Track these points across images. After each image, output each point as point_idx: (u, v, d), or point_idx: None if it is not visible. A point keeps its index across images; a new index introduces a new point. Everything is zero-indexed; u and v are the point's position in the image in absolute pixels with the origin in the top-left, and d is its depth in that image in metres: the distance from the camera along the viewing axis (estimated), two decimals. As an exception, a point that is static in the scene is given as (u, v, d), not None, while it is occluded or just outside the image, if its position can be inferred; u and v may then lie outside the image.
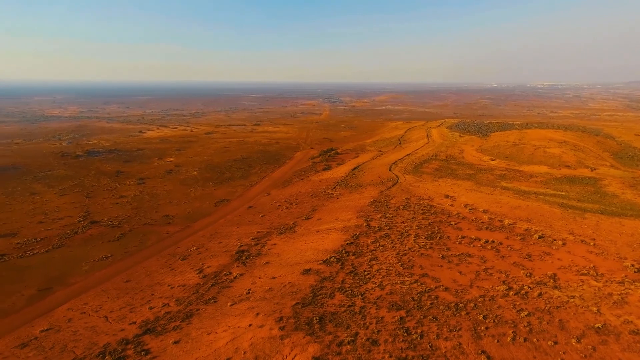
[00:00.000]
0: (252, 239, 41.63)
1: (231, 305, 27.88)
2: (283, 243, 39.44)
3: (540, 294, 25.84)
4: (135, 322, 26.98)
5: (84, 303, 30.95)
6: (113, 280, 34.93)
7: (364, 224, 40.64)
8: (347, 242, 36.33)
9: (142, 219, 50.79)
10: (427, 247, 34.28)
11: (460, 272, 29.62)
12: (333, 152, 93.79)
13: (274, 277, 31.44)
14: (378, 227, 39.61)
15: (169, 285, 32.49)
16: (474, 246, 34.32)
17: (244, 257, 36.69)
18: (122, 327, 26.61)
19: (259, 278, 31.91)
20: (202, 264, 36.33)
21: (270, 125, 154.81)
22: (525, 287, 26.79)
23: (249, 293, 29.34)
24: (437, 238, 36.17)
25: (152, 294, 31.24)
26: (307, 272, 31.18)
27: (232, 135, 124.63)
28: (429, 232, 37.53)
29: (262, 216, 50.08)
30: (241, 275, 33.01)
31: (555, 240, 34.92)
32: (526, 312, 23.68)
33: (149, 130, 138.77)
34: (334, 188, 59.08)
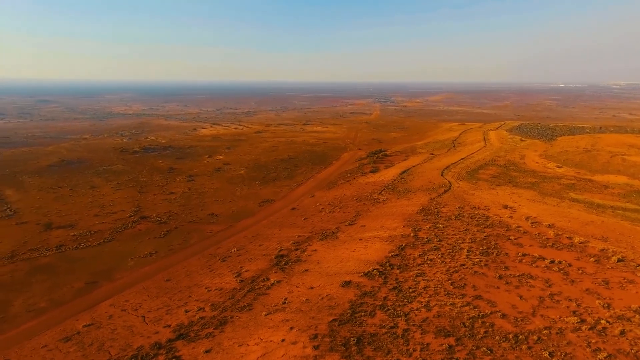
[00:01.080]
0: (293, 243, 40.32)
1: (266, 315, 26.59)
2: (324, 250, 37.70)
3: (622, 332, 21.77)
4: (169, 326, 26.57)
5: (125, 300, 31.31)
6: (154, 278, 35.21)
7: (411, 234, 37.76)
8: (392, 253, 33.77)
9: (188, 216, 51.55)
10: (482, 264, 30.82)
11: (521, 297, 26.04)
12: (381, 153, 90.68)
13: (312, 287, 29.76)
14: (427, 238, 36.57)
15: (206, 288, 32.00)
16: (537, 266, 30.31)
17: (283, 263, 35.43)
18: (156, 329, 26.30)
19: (297, 287, 30.40)
20: (241, 267, 35.58)
21: (318, 125, 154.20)
22: (602, 322, 22.78)
23: (284, 303, 27.90)
24: (494, 254, 32.51)
25: (189, 296, 30.87)
26: (347, 284, 29.16)
27: (281, 135, 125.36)
28: (484, 247, 33.89)
29: (304, 219, 48.75)
30: (278, 282, 31.71)
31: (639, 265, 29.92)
32: (605, 354, 19.91)
33: (202, 128, 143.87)
34: (381, 192, 56.38)
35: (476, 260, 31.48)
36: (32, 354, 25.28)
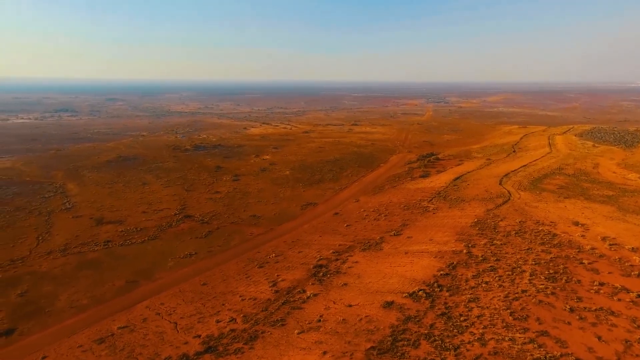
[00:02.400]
0: (333, 252, 38.13)
1: (299, 333, 24.64)
2: (366, 262, 35.10)
3: None
4: (199, 336, 25.50)
5: (160, 303, 30.93)
6: (191, 281, 34.70)
7: (464, 251, 34.03)
8: (441, 272, 30.42)
9: (231, 217, 51.20)
10: (548, 292, 26.63)
11: (600, 338, 21.83)
12: (433, 157, 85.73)
13: (350, 305, 27.36)
14: (482, 256, 32.69)
15: (240, 296, 30.75)
16: (619, 300, 25.59)
17: (321, 274, 33.35)
18: (186, 339, 25.34)
19: (334, 303, 28.16)
20: (278, 275, 34.01)
21: (367, 126, 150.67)
22: None
23: (319, 321, 25.78)
24: (563, 281, 28.08)
25: (223, 304, 29.77)
26: (389, 305, 26.42)
27: (329, 135, 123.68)
28: (551, 271, 29.48)
29: (347, 226, 46.38)
30: (315, 295, 29.68)
31: None
32: None
33: (252, 127, 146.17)
34: (431, 200, 52.49)
35: (541, 286, 27.31)
36: (68, 353, 25.36)
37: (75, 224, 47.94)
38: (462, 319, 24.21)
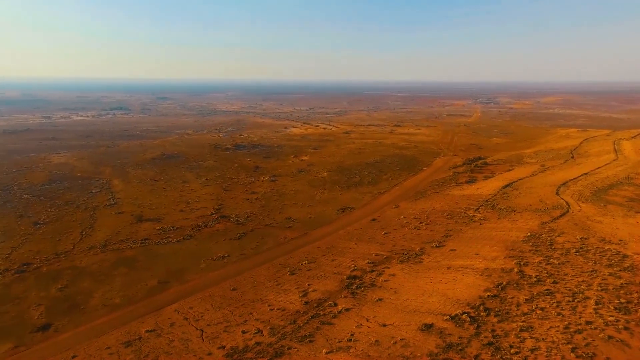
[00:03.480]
0: (369, 263, 35.91)
1: (327, 353, 22.81)
2: (403, 275, 32.57)
3: None
4: (223, 347, 24.40)
5: (189, 307, 30.33)
6: (222, 285, 33.93)
7: (515, 269, 30.56)
8: (489, 293, 27.32)
9: (266, 219, 50.37)
10: (620, 326, 22.85)
11: (686, 391, 18.04)
12: (481, 161, 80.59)
13: (385, 325, 25.10)
14: (536, 277, 29.13)
15: (269, 306, 29.43)
16: None
17: (355, 286, 31.29)
18: (210, 349, 24.32)
19: (367, 320, 26.03)
20: (309, 285, 32.38)
21: (411, 127, 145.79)
22: None
23: (350, 340, 23.78)
24: (639, 314, 24.05)
25: (250, 313, 28.58)
26: (428, 328, 23.90)
27: (369, 136, 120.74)
28: (622, 301, 25.48)
29: (385, 233, 43.88)
30: (347, 310, 27.69)
31: None
32: None
33: (293, 127, 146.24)
34: (477, 209, 48.65)
35: (610, 318, 23.54)
36: (96, 354, 25.20)
37: (116, 221, 49.20)
38: (512, 351, 21.23)
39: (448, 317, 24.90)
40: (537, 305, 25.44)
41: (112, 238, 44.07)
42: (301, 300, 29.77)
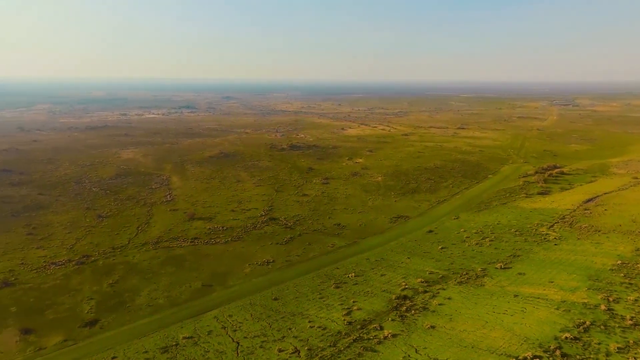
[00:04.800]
0: (422, 281, 32.53)
1: (367, 387, 20.22)
2: (461, 300, 28.85)
3: None
4: (257, 366, 22.81)
5: (229, 315, 29.33)
6: (264, 292, 32.63)
7: (603, 307, 25.55)
8: (567, 334, 22.88)
9: (315, 223, 48.66)
10: None
11: None
12: (556, 170, 72.24)
13: (436, 360, 21.91)
14: (631, 319, 24.00)
15: (309, 322, 27.44)
16: None
17: (405, 308, 28.24)
18: (243, 367, 22.87)
19: (416, 352, 23.01)
20: (354, 302, 29.90)
21: (476, 130, 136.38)
22: None
23: (395, 375, 20.96)
24: None
25: (289, 329, 26.80)
26: (488, 371, 20.31)
27: (430, 139, 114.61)
28: None
29: (442, 248, 39.97)
30: (394, 337, 24.82)
31: None
32: None
33: (350, 127, 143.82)
34: (552, 227, 42.77)
35: None
36: (134, 357, 24.91)
37: (170, 217, 50.42)
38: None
39: (514, 360, 21.09)
40: (634, 358, 20.66)
41: (165, 235, 44.99)
42: (344, 320, 27.40)
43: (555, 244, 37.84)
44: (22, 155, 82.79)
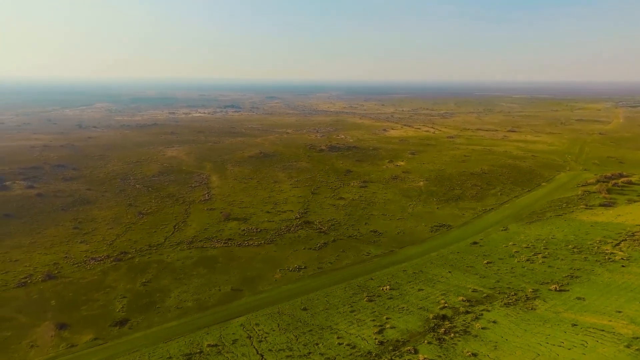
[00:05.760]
0: (464, 300, 29.75)
1: (397, 421, 18.17)
2: (508, 325, 25.85)
3: None
4: (279, 384, 21.46)
5: (255, 323, 28.31)
6: (293, 301, 31.37)
7: (683, 347, 21.64)
8: (639, 379, 19.44)
9: (350, 229, 46.81)
10: None
11: None
12: (622, 179, 65.15)
13: (478, 397, 19.38)
14: None
15: (338, 338, 25.74)
16: None
17: (443, 330, 25.73)
18: (264, 384, 21.61)
19: (454, 384, 20.58)
20: (387, 319, 27.79)
21: (528, 133, 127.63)
22: None
23: (429, 410, 18.74)
24: None
25: (316, 344, 25.24)
26: (539, 417, 17.52)
27: (477, 142, 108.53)
28: None
29: (487, 263, 36.67)
30: (429, 363, 22.50)
31: None
32: None
33: (392, 129, 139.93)
34: (618, 245, 37.98)
35: None
36: (158, 362, 24.58)
37: (207, 217, 50.65)
38: None
39: (572, 405, 18.11)
40: None
41: (200, 235, 45.10)
42: (375, 338, 25.40)
43: (623, 266, 33.40)
44: (77, 151, 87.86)
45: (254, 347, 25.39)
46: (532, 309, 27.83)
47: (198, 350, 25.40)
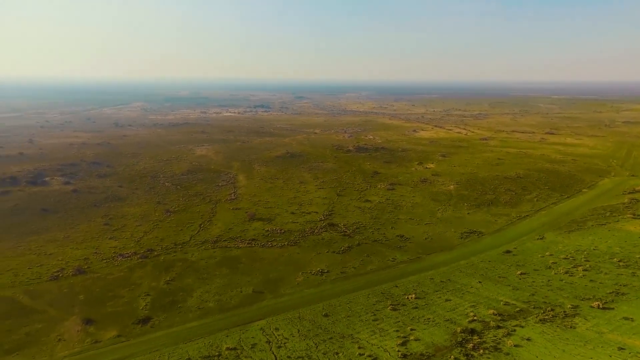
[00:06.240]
0: (494, 314, 27.98)
1: None
2: (544, 344, 23.97)
3: None
4: (296, 394, 20.75)
5: (275, 327, 27.80)
6: (314, 306, 30.65)
7: None
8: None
9: (375, 233, 45.57)
10: None
11: None
12: (674, 187, 60.17)
13: (509, 423, 17.88)
14: None
15: (359, 348, 24.76)
16: None
17: (471, 345, 24.21)
18: (281, 393, 20.97)
19: (483, 406, 19.14)
20: (411, 330, 26.52)
21: (568, 135, 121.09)
22: None
23: None
24: None
25: (336, 353, 24.37)
26: None
27: (512, 145, 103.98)
28: None
29: (521, 274, 34.52)
30: (456, 381, 21.12)
31: None
32: None
33: (422, 130, 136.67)
34: (670, 259, 34.73)
35: None
36: (177, 363, 24.49)
37: (232, 216, 50.83)
38: None
39: None
40: None
41: (224, 234, 45.23)
42: (399, 351, 24.23)
43: (675, 283, 30.44)
44: (112, 149, 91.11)
45: (273, 353, 24.84)
46: (571, 327, 25.75)
47: (217, 353, 25.13)
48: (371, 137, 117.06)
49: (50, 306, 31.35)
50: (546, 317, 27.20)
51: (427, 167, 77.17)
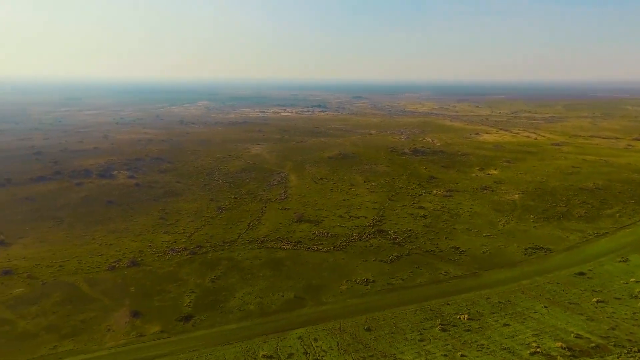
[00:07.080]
0: (563, 347, 24.37)
1: None
2: (626, 393, 20.20)
3: None
4: (329, 417, 19.33)
5: (314, 338, 26.63)
6: (356, 318, 29.03)
7: None
8: None
9: (427, 243, 42.69)
10: None
11: None
12: None
13: None
14: None
15: (401, 371, 22.74)
16: None
17: (533, 384, 21.08)
18: (313, 413, 19.67)
19: None
20: (462, 356, 23.98)
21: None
22: None
23: None
24: None
25: (376, 375, 22.57)
26: None
27: (590, 151, 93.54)
28: None
29: (598, 302, 30.04)
30: None
31: None
32: None
33: (486, 133, 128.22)
34: None
35: None
36: (213, 366, 24.24)
37: (280, 216, 50.63)
38: None
39: None
40: None
41: (271, 234, 45.04)
42: (446, 380, 21.85)
43: None
44: (174, 146, 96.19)
45: (309, 366, 23.67)
46: (661, 373, 21.51)
47: (252, 360, 24.52)
48: (429, 139, 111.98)
49: (105, 295, 32.93)
50: (631, 358, 23.09)
51: (489, 174, 71.64)
